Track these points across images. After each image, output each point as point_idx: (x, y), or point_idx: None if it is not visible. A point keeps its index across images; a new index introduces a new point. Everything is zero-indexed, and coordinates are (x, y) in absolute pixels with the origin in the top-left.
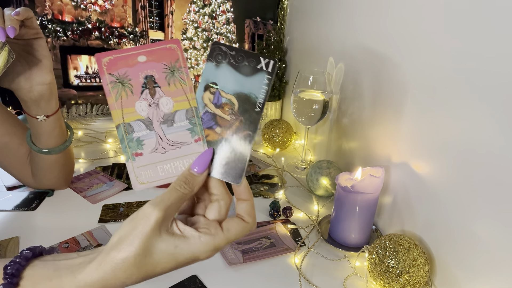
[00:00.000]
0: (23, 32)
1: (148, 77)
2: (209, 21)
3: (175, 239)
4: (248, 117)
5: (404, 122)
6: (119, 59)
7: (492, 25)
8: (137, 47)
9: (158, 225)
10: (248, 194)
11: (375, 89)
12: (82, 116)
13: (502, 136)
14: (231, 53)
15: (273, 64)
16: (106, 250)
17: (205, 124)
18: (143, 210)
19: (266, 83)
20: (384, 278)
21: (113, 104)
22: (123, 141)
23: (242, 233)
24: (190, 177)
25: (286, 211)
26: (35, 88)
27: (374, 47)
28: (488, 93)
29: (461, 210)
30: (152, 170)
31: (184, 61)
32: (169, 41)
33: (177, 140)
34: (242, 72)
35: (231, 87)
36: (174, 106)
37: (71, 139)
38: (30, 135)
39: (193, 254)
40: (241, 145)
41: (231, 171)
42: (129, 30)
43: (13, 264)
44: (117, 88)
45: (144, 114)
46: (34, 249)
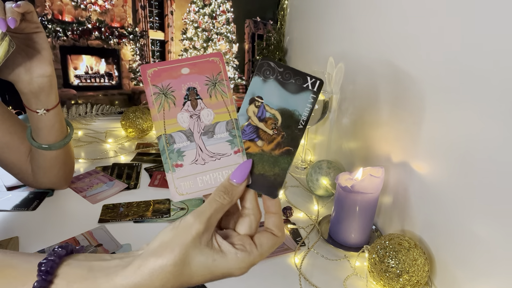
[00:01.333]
0: (24, 26)
1: (190, 89)
2: (209, 21)
3: (213, 253)
4: (290, 133)
5: (404, 122)
6: (163, 71)
7: (490, 26)
8: (180, 60)
9: (199, 237)
10: (279, 208)
11: (375, 89)
12: (82, 116)
13: (502, 137)
14: (279, 69)
15: (319, 84)
16: (145, 255)
17: (247, 136)
18: (186, 220)
19: (310, 102)
20: (384, 278)
21: (155, 115)
22: (164, 152)
23: (274, 247)
24: (230, 187)
25: (286, 211)
26: (35, 80)
27: (374, 47)
28: (488, 93)
29: (461, 210)
30: (191, 181)
31: (225, 74)
32: (212, 54)
33: (217, 151)
34: (288, 89)
35: (276, 103)
36: (214, 117)
37: (71, 135)
38: (31, 131)
39: (229, 270)
40: (281, 160)
41: (269, 184)
42: (129, 30)
43: (47, 261)
44: (160, 100)
45: (185, 126)
46: (66, 247)
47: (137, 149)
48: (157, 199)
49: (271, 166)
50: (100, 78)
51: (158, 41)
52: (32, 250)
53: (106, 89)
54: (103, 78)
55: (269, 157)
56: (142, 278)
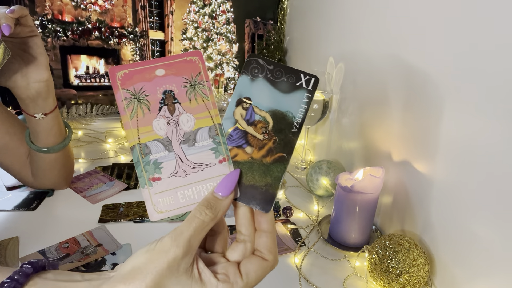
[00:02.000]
0: (18, 30)
1: (167, 92)
2: (209, 21)
3: (192, 282)
4: (283, 137)
5: (404, 122)
6: (135, 73)
7: (488, 23)
8: (154, 60)
9: (176, 263)
10: (272, 225)
11: (375, 89)
12: (82, 116)
13: (502, 136)
14: (269, 67)
15: (315, 81)
16: (114, 280)
17: (234, 142)
18: (162, 243)
19: (305, 102)
20: (384, 278)
21: (127, 123)
22: (139, 164)
23: (263, 275)
24: (213, 201)
25: (286, 211)
26: (32, 86)
27: (374, 47)
28: (488, 94)
29: (461, 210)
30: (171, 196)
31: (206, 75)
32: (190, 53)
33: (200, 161)
34: (279, 88)
35: (266, 104)
36: (195, 123)
37: (69, 137)
38: (29, 134)
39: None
40: (273, 169)
41: (260, 196)
42: (129, 30)
43: (11, 281)
44: (133, 105)
45: (162, 133)
46: (35, 263)
47: None
48: None
49: (262, 175)
50: (100, 78)
51: (158, 41)
52: (32, 250)
53: (106, 89)
54: (103, 78)
55: (259, 166)
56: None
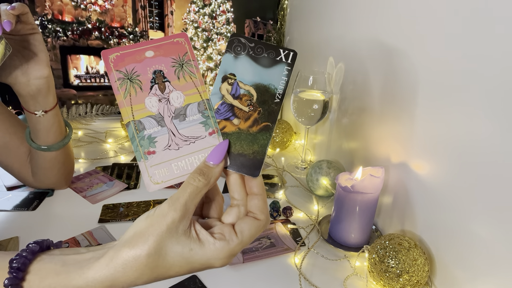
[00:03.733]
0: (19, 28)
1: (157, 72)
2: (209, 21)
3: (190, 242)
4: (267, 108)
5: (404, 123)
6: (126, 55)
7: (493, 27)
8: (144, 43)
9: (175, 225)
10: (261, 188)
11: (375, 89)
12: (82, 116)
13: (502, 137)
14: (250, 45)
15: (293, 55)
16: (118, 246)
17: (222, 115)
18: (161, 208)
19: (285, 74)
20: (384, 278)
21: (122, 102)
22: (134, 139)
23: (256, 233)
24: (205, 169)
25: (286, 211)
26: (33, 82)
27: (374, 47)
28: (488, 94)
29: (461, 210)
30: (166, 168)
31: (192, 54)
32: (176, 35)
33: (191, 134)
34: (261, 64)
35: (249, 78)
36: (185, 100)
37: (70, 136)
38: (29, 132)
39: (207, 260)
40: (260, 137)
41: (248, 163)
42: (129, 30)
43: (19, 258)
44: (126, 85)
45: (154, 110)
46: (41, 242)
47: None
48: (157, 199)
49: (249, 144)
50: (100, 78)
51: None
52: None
53: (106, 89)
54: (103, 78)
55: (246, 135)
56: (115, 270)
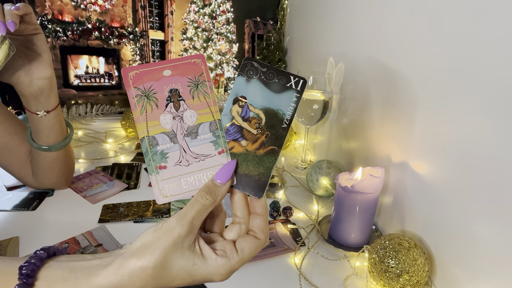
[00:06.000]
0: (23, 28)
1: (172, 91)
2: (209, 21)
3: (194, 257)
4: (274, 132)
5: (404, 122)
6: (145, 73)
7: (490, 30)
8: (162, 62)
9: (181, 240)
10: (264, 209)
11: (375, 89)
12: (82, 116)
13: (501, 137)
14: (262, 69)
15: (303, 83)
16: (125, 255)
17: (231, 136)
18: (168, 223)
19: (294, 101)
20: (384, 278)
21: (138, 118)
22: (147, 154)
23: (256, 251)
24: (213, 187)
25: (286, 211)
26: (35, 83)
27: (374, 48)
28: (488, 94)
29: (461, 210)
30: (175, 183)
31: (208, 75)
32: (194, 56)
33: (201, 152)
34: (271, 89)
35: (259, 102)
36: (198, 119)
37: (71, 136)
38: (31, 132)
39: (208, 275)
40: (266, 160)
41: (253, 184)
42: (129, 30)
43: (28, 264)
44: (142, 102)
45: (168, 127)
46: (48, 249)
47: (137, 149)
48: None
49: (255, 165)
50: (100, 78)
51: (158, 41)
52: (32, 250)
53: (106, 89)
54: (103, 78)
55: (253, 157)
56: (122, 278)
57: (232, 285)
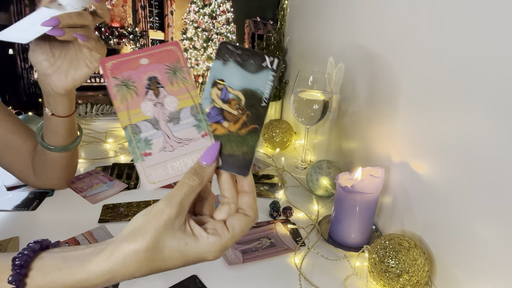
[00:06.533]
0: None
1: (151, 78)
2: (209, 21)
3: (186, 236)
4: (255, 111)
5: (404, 123)
6: (122, 63)
7: (491, 30)
8: (138, 51)
9: (171, 221)
10: (251, 187)
11: (375, 89)
12: (82, 116)
13: (502, 137)
14: (238, 52)
15: (278, 62)
16: (117, 241)
17: (213, 118)
18: (157, 206)
19: (271, 80)
20: (384, 278)
21: (119, 107)
22: (131, 142)
23: (246, 228)
24: (199, 169)
25: (286, 211)
26: (70, 87)
27: (374, 48)
28: (489, 94)
29: (461, 210)
30: (162, 169)
31: (184, 61)
32: (169, 44)
33: (184, 137)
34: (248, 70)
35: (237, 84)
36: (178, 104)
37: (80, 139)
38: (41, 132)
39: (201, 253)
40: (248, 139)
41: (238, 163)
42: (129, 30)
43: (22, 255)
44: (122, 91)
45: (150, 114)
46: (40, 242)
47: None
48: (157, 199)
49: (239, 145)
50: (100, 78)
51: (158, 41)
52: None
53: (106, 89)
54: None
55: (236, 137)
56: (115, 263)
57: (232, 285)
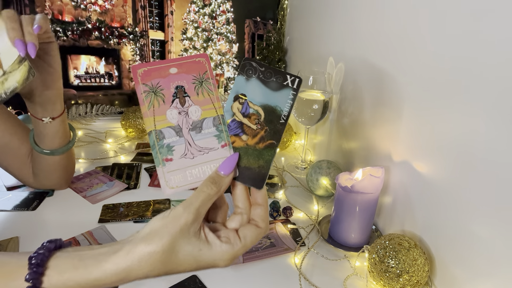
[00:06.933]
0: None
1: (178, 87)
2: (209, 21)
3: (200, 243)
4: (273, 127)
5: (404, 123)
6: (152, 71)
7: (491, 31)
8: (169, 60)
9: (187, 227)
10: (265, 199)
11: (375, 89)
12: (82, 116)
13: (501, 137)
14: (261, 69)
15: (298, 81)
16: (134, 241)
17: (232, 131)
18: (175, 210)
19: (291, 98)
20: (384, 278)
21: (146, 112)
22: (154, 147)
23: (257, 238)
24: (217, 178)
25: (286, 211)
26: (45, 93)
27: (374, 48)
28: (489, 94)
29: (461, 210)
30: (181, 175)
31: (211, 73)
32: (199, 55)
33: (205, 145)
34: (269, 87)
35: (258, 99)
36: (202, 114)
37: (74, 140)
38: (34, 135)
39: (213, 260)
40: (265, 153)
41: (254, 176)
42: (129, 30)
43: (37, 254)
44: (150, 97)
45: (174, 122)
46: (54, 241)
47: (137, 149)
48: (157, 199)
49: (255, 159)
50: (100, 78)
51: (158, 41)
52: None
53: (106, 89)
54: (103, 78)
55: (253, 151)
56: (131, 263)
57: (232, 285)
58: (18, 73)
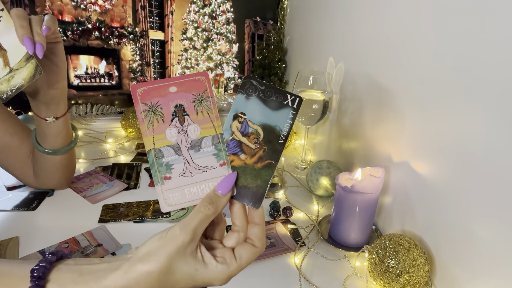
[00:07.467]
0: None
1: (178, 106)
2: (209, 21)
3: (196, 263)
4: (272, 147)
5: (404, 123)
6: (152, 90)
7: (491, 31)
8: (168, 79)
9: (184, 247)
10: (261, 219)
11: (375, 89)
12: (82, 116)
13: (501, 137)
14: (261, 88)
15: (299, 101)
16: (132, 260)
17: (231, 150)
18: (172, 230)
19: (290, 118)
20: (384, 278)
21: (145, 131)
22: (153, 165)
23: (253, 258)
24: (214, 198)
25: (286, 211)
26: (49, 93)
27: (374, 48)
28: (490, 94)
29: (461, 210)
30: (179, 193)
31: (211, 92)
32: (198, 74)
33: (204, 164)
34: (269, 106)
35: (258, 119)
36: (201, 132)
37: (76, 140)
38: (36, 135)
39: (209, 280)
40: (263, 173)
41: (251, 195)
42: (129, 30)
43: (39, 267)
44: (150, 117)
45: (173, 140)
46: (56, 253)
47: (137, 149)
48: (157, 199)
49: (253, 178)
50: (100, 78)
51: (158, 41)
52: (32, 250)
53: (106, 89)
54: (103, 78)
55: (251, 170)
56: (129, 282)
57: (232, 285)
58: (24, 71)
